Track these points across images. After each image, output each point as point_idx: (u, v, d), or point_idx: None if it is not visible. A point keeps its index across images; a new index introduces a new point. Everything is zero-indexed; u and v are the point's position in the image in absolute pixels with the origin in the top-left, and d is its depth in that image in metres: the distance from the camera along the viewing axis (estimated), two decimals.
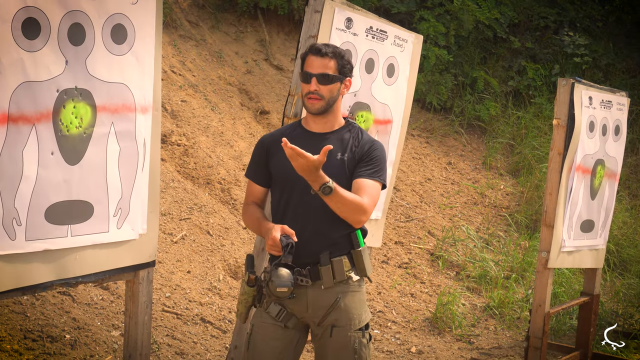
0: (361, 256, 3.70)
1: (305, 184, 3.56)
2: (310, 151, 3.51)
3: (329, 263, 3.63)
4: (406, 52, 5.00)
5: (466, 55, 11.51)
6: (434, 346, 6.82)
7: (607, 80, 11.65)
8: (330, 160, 3.62)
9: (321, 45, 3.70)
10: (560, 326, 7.37)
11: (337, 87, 3.67)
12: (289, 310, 3.69)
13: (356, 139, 3.73)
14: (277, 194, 3.74)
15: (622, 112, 6.41)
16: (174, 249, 6.80)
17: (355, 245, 3.69)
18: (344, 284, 3.68)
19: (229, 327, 6.17)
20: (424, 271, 8.19)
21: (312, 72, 3.63)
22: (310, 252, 3.63)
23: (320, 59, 3.64)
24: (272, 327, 3.70)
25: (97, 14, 3.45)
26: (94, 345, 5.29)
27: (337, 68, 3.66)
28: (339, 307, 3.66)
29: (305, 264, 3.64)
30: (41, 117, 3.31)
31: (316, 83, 3.62)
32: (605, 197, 6.37)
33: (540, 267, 5.86)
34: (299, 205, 3.66)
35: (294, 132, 3.76)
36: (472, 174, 10.30)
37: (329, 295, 3.66)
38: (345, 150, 3.69)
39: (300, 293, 3.65)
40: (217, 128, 8.64)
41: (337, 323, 3.68)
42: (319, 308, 3.67)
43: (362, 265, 3.71)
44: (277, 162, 3.70)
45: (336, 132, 3.73)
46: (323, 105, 3.65)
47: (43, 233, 3.39)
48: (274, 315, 3.69)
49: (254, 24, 10.58)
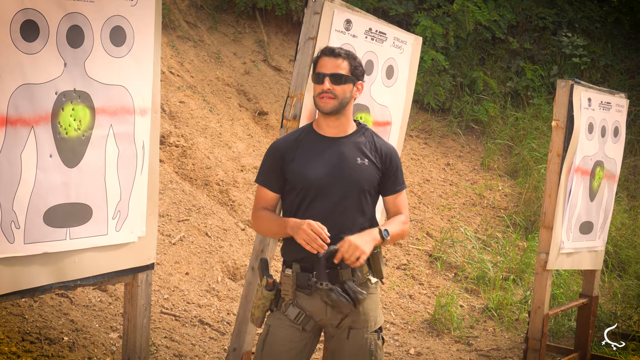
0: (378, 259, 3.74)
1: (325, 190, 3.64)
2: (326, 155, 3.62)
3: (349, 266, 3.62)
4: (405, 54, 4.98)
5: (464, 56, 11.51)
6: (433, 348, 6.81)
7: (605, 81, 11.65)
8: (351, 165, 3.68)
9: (334, 47, 3.74)
10: (559, 328, 7.36)
11: (349, 88, 3.69)
12: (307, 313, 3.70)
13: (372, 142, 3.78)
14: (295, 200, 3.72)
15: (621, 114, 6.41)
16: (172, 250, 6.79)
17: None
18: (362, 286, 3.67)
19: (227, 329, 6.16)
20: (422, 272, 8.18)
21: (325, 72, 3.65)
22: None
23: (334, 60, 3.67)
24: (290, 330, 3.70)
25: (96, 16, 3.45)
26: (92, 347, 5.28)
27: (349, 69, 3.69)
28: (357, 309, 3.67)
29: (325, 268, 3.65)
30: (40, 120, 3.30)
31: (329, 82, 3.64)
32: (604, 198, 6.36)
33: (539, 268, 5.85)
34: (320, 211, 3.65)
35: (308, 137, 3.75)
36: (471, 175, 10.30)
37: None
38: (365, 154, 3.72)
39: (319, 296, 3.65)
40: (215, 129, 8.63)
41: (355, 325, 3.71)
42: (339, 311, 3.68)
43: (378, 267, 3.76)
44: (296, 168, 3.69)
45: (351, 137, 3.76)
46: (336, 105, 3.66)
47: (42, 236, 3.38)
48: (293, 318, 3.70)
49: (252, 25, 10.57)
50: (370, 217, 3.78)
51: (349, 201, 3.68)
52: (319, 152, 3.66)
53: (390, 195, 3.83)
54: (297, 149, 3.72)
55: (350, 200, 3.68)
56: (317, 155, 3.69)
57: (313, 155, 3.70)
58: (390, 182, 3.81)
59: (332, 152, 3.68)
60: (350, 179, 3.66)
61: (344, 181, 3.66)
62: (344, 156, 3.70)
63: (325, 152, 3.66)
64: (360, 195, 3.71)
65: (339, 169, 3.67)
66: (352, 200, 3.68)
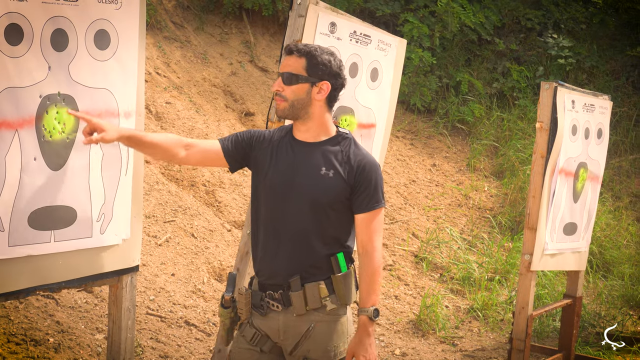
0: (341, 282, 3.39)
1: (288, 200, 3.35)
2: (289, 158, 3.38)
3: (301, 289, 3.36)
4: (390, 57, 5.01)
5: (451, 57, 11.55)
6: (418, 348, 6.84)
7: (591, 82, 11.71)
8: (309, 174, 3.37)
9: (294, 44, 3.39)
10: (543, 328, 7.41)
11: (304, 89, 3.33)
12: (262, 333, 3.46)
13: (346, 152, 3.40)
14: (259, 205, 3.46)
15: (605, 116, 6.45)
16: (158, 251, 6.79)
17: (336, 269, 3.39)
18: (319, 311, 3.40)
19: (213, 330, 6.17)
20: (408, 273, 8.21)
21: (279, 72, 3.37)
22: (284, 275, 3.39)
23: (288, 58, 3.35)
24: (248, 353, 3.47)
25: (80, 20, 3.46)
26: (77, 348, 5.28)
27: (305, 68, 3.32)
28: (312, 336, 3.39)
29: (278, 287, 3.42)
30: (24, 123, 3.31)
31: (280, 83, 3.34)
32: (588, 200, 6.41)
33: (523, 269, 5.88)
34: (276, 222, 3.39)
35: (282, 137, 3.47)
36: (457, 175, 10.33)
37: (302, 323, 3.41)
38: (332, 165, 3.37)
39: (273, 317, 3.43)
40: (201, 130, 8.63)
41: (310, 355, 3.40)
42: (292, 335, 3.41)
43: (342, 292, 3.40)
44: (260, 161, 3.45)
45: (323, 144, 3.41)
46: (286, 108, 3.34)
47: (26, 239, 3.39)
48: (249, 339, 3.46)
49: (239, 26, 10.57)
50: (335, 236, 3.42)
51: (303, 212, 3.35)
52: (285, 154, 3.39)
53: (361, 213, 3.38)
54: (269, 145, 3.45)
55: (303, 212, 3.35)
56: (281, 157, 3.41)
57: (278, 156, 3.42)
58: (361, 198, 3.36)
59: (298, 157, 3.38)
60: (303, 188, 3.33)
61: (295, 189, 3.35)
62: (307, 163, 3.37)
63: (290, 156, 3.38)
64: (317, 209, 3.34)
65: (294, 175, 3.36)
66: (304, 211, 3.35)
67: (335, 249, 3.42)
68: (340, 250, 3.42)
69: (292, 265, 3.38)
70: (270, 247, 3.41)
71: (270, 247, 3.41)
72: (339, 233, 3.43)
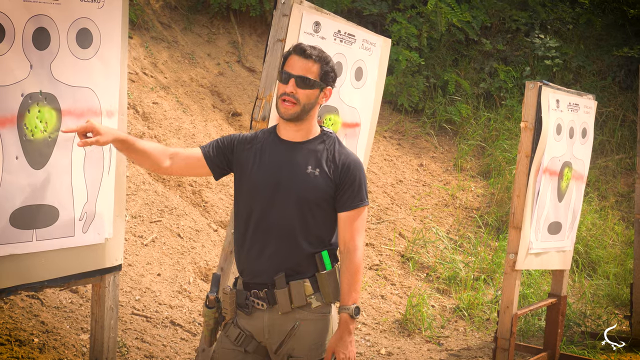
0: (326, 280, 3.42)
1: (273, 199, 3.37)
2: (275, 158, 3.39)
3: (286, 286, 3.38)
4: (374, 56, 5.02)
5: (438, 57, 11.57)
6: (404, 348, 6.85)
7: (577, 82, 11.75)
8: (296, 172, 3.40)
9: (307, 46, 3.40)
10: (528, 327, 7.43)
11: (315, 93, 3.39)
12: (247, 333, 3.47)
13: (331, 151, 3.44)
14: (243, 205, 3.48)
15: (589, 115, 6.48)
16: (144, 251, 6.78)
17: (320, 267, 3.42)
18: (304, 309, 3.42)
19: (198, 330, 6.17)
20: (394, 273, 8.22)
21: (292, 73, 3.35)
22: (269, 273, 3.41)
23: (304, 61, 3.36)
24: (232, 353, 3.48)
25: (62, 18, 3.45)
26: (62, 348, 5.27)
27: (319, 74, 3.38)
28: (297, 334, 3.42)
29: (262, 286, 3.43)
30: (5, 122, 3.30)
31: (294, 85, 3.34)
32: (573, 199, 6.43)
33: (507, 268, 5.90)
34: (261, 221, 3.41)
35: (267, 137, 3.49)
36: (444, 175, 10.35)
37: (287, 321, 3.43)
38: (318, 163, 3.41)
39: (258, 316, 3.45)
40: (188, 130, 8.63)
41: (294, 353, 3.42)
42: (277, 334, 3.44)
43: (327, 290, 3.43)
44: (244, 163, 3.47)
45: (309, 143, 3.45)
46: (297, 112, 3.37)
47: (8, 238, 3.39)
48: (233, 339, 3.47)
49: (226, 26, 10.57)
50: (320, 234, 3.46)
51: (289, 211, 3.38)
52: (270, 154, 3.41)
53: (344, 211, 3.42)
54: (252, 146, 3.47)
55: (289, 210, 3.38)
56: (266, 157, 3.44)
57: (263, 156, 3.44)
58: (345, 196, 3.41)
59: (283, 156, 3.41)
60: (289, 186, 3.37)
61: (281, 187, 3.38)
62: (293, 162, 3.40)
63: (276, 156, 3.40)
64: (304, 207, 3.38)
65: (280, 174, 3.39)
66: (290, 209, 3.38)
67: (320, 247, 3.45)
68: (325, 249, 3.45)
69: (277, 263, 3.41)
70: (255, 245, 3.43)
71: (256, 246, 3.43)
72: (324, 231, 3.47)
